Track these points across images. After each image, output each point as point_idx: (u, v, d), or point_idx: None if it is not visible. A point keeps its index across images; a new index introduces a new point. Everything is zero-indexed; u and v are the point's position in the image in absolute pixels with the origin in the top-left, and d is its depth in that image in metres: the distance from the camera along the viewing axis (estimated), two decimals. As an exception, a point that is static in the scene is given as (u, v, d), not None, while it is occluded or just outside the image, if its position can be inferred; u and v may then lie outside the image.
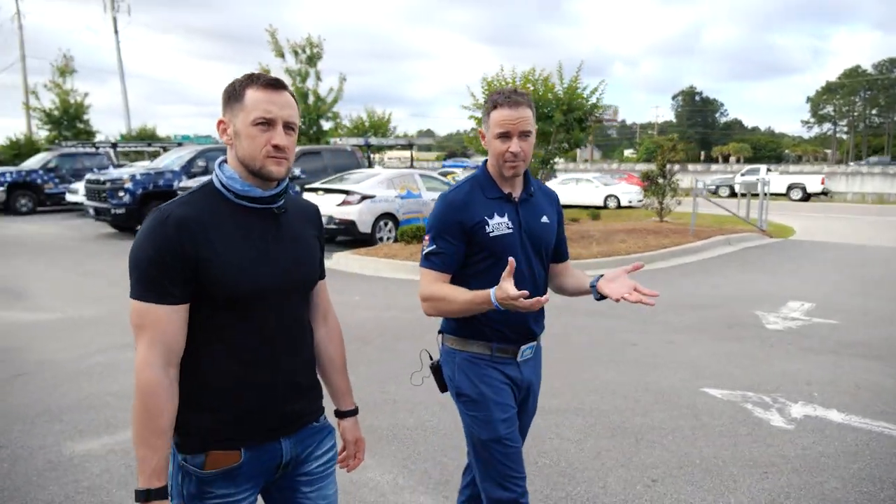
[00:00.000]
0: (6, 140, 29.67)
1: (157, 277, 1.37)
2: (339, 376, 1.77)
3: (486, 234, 1.96)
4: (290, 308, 1.55)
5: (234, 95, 1.47)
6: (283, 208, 1.54)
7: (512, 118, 1.90)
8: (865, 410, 4.07)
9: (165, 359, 1.38)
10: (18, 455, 3.44)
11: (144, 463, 1.36)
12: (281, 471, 1.56)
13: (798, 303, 7.07)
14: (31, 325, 6.18)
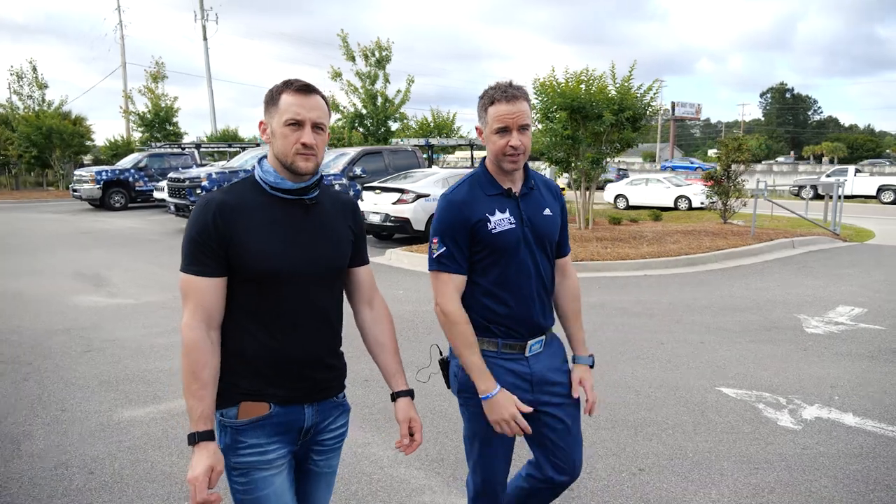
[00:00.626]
0: (106, 141, 32.24)
1: (197, 253, 1.58)
2: (389, 357, 1.85)
3: (489, 231, 1.94)
4: (315, 290, 1.68)
5: (271, 100, 1.64)
6: (314, 200, 1.69)
7: (510, 112, 1.89)
8: (884, 415, 3.97)
9: (206, 322, 1.57)
10: (76, 417, 3.95)
11: (192, 411, 1.54)
12: (302, 437, 1.71)
13: (848, 308, 6.80)
14: (107, 308, 6.87)
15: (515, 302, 1.99)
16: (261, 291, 1.62)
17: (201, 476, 1.49)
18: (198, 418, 1.53)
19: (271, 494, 1.62)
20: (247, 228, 1.59)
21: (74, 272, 9.00)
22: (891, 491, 3.08)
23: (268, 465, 1.62)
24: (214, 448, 1.55)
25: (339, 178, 13.01)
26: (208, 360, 1.56)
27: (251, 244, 1.58)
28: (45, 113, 28.33)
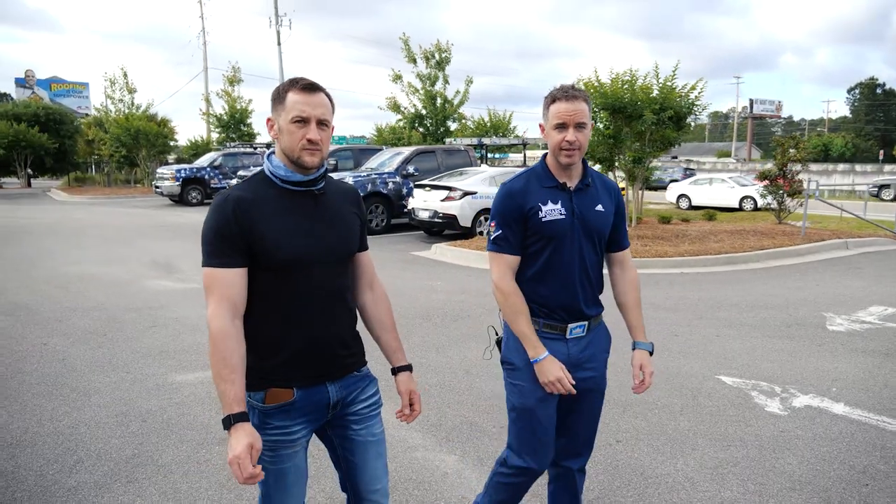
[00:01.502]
0: (187, 141, 34.36)
1: (220, 246, 1.65)
2: (389, 335, 1.98)
3: (539, 219, 2.10)
4: (328, 273, 1.77)
5: (278, 98, 1.72)
6: (322, 190, 1.78)
7: (568, 110, 2.03)
8: (875, 406, 4.09)
9: (231, 312, 1.65)
10: (137, 378, 4.61)
11: (224, 396, 1.62)
12: (332, 411, 1.82)
13: (881, 308, 6.73)
14: (175, 291, 7.66)
15: (559, 287, 2.14)
16: (280, 278, 1.70)
17: (243, 454, 1.56)
18: (231, 401, 1.61)
19: (292, 467, 1.77)
20: (264, 220, 1.67)
21: (150, 260, 9.95)
22: (852, 470, 3.27)
23: (292, 444, 1.76)
24: (250, 428, 1.63)
25: (394, 176, 13.60)
26: (236, 347, 1.63)
27: (269, 234, 1.67)
28: (134, 115, 30.54)
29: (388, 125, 23.03)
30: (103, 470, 3.25)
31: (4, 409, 4.02)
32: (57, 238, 12.80)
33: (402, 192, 13.43)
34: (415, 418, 1.98)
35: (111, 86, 32.13)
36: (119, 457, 3.39)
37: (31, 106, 36.76)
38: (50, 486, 3.08)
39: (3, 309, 6.68)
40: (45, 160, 35.60)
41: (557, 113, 2.05)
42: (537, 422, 2.16)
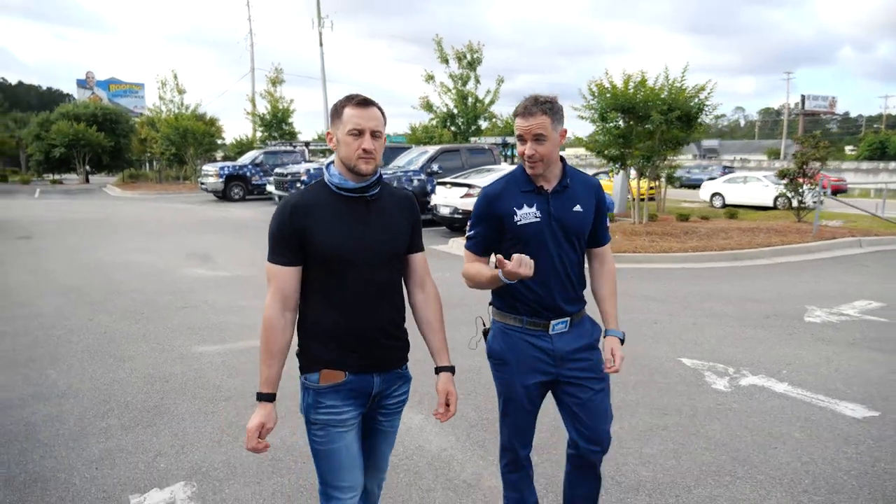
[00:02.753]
0: (233, 140, 35.81)
1: (278, 246, 1.87)
2: (436, 336, 2.09)
3: (514, 222, 2.21)
4: (377, 273, 1.93)
5: (336, 113, 1.90)
6: (375, 196, 1.94)
7: (524, 126, 2.15)
8: (817, 387, 4.45)
9: (283, 304, 1.86)
10: (165, 348, 5.33)
11: (261, 375, 1.86)
12: (371, 402, 1.98)
13: (866, 302, 6.97)
14: (207, 279, 8.44)
15: (538, 286, 2.22)
16: (332, 274, 1.88)
17: (253, 429, 1.84)
18: (264, 381, 1.86)
19: (343, 448, 1.91)
20: (318, 222, 1.85)
21: (188, 251, 10.82)
22: (769, 436, 3.68)
23: (341, 424, 1.90)
24: (270, 409, 1.86)
25: (419, 174, 14.21)
26: (279, 337, 1.85)
27: (320, 235, 1.84)
28: (183, 115, 32.06)
29: (420, 124, 23.70)
30: (129, 416, 3.93)
31: (54, 369, 4.78)
32: (107, 230, 13.89)
33: (426, 190, 14.01)
34: (449, 418, 2.07)
35: (162, 87, 33.76)
36: (142, 407, 4.07)
37: (89, 106, 38.90)
38: (86, 426, 3.78)
39: (57, 290, 7.56)
40: (101, 158, 37.71)
41: (517, 127, 2.19)
42: (522, 409, 2.31)
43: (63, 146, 35.21)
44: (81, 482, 3.14)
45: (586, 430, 2.31)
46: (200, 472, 3.26)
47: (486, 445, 3.60)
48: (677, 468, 3.32)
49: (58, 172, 39.24)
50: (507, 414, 2.36)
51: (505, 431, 2.41)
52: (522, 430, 2.36)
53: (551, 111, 2.16)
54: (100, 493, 3.04)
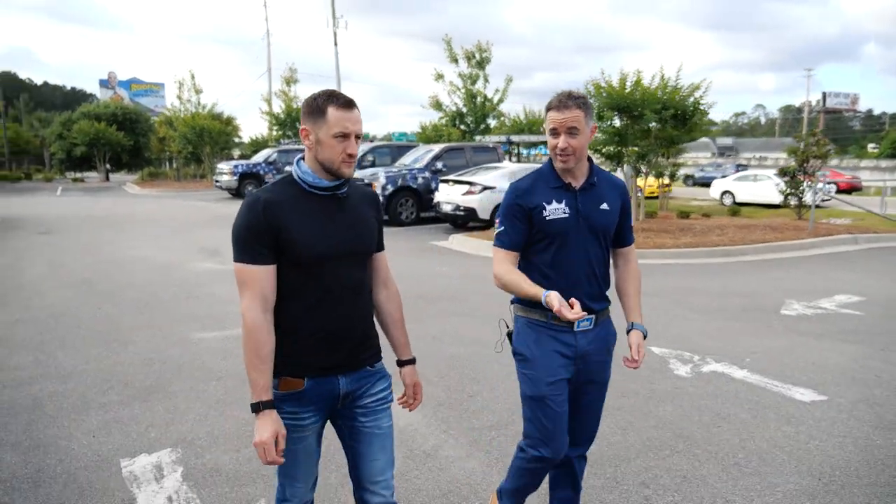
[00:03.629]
0: (249, 139, 36.44)
1: (251, 244, 1.77)
2: (398, 331, 2.12)
3: (543, 217, 2.21)
4: (348, 270, 1.89)
5: (317, 111, 1.80)
6: (345, 194, 1.91)
7: (559, 119, 2.14)
8: (774, 374, 4.68)
9: (263, 306, 1.78)
10: (166, 334, 5.70)
11: (256, 383, 1.77)
12: (342, 401, 1.94)
13: (846, 296, 7.14)
14: (214, 272, 8.83)
15: (565, 282, 2.22)
16: (306, 274, 1.82)
17: (269, 440, 1.74)
18: (260, 389, 1.77)
19: (301, 449, 1.91)
20: (291, 220, 1.79)
21: (199, 247, 11.24)
22: (716, 416, 3.93)
23: (301, 429, 1.89)
24: (276, 415, 1.78)
25: (423, 172, 14.52)
26: (267, 339, 1.78)
27: (295, 233, 1.79)
28: (199, 115, 32.71)
29: (430, 123, 24.02)
30: (127, 393, 4.29)
31: (62, 352, 5.16)
32: (124, 226, 14.40)
33: (430, 187, 14.32)
34: (416, 406, 2.16)
35: (180, 87, 34.45)
36: (140, 386, 4.43)
37: (109, 106, 39.80)
38: (87, 401, 4.14)
39: (70, 283, 8.00)
40: (121, 156, 38.63)
41: (550, 120, 2.18)
42: (550, 410, 2.24)
43: (84, 145, 36.11)
44: (79, 448, 3.49)
45: (577, 434, 2.38)
46: (186, 440, 3.59)
47: (449, 421, 3.89)
48: (622, 443, 3.59)
49: (79, 171, 40.23)
50: (532, 417, 2.29)
51: (529, 433, 2.32)
52: (550, 434, 2.26)
53: (584, 106, 2.18)
54: (94, 456, 3.39)
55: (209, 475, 3.21)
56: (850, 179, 31.42)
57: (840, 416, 3.94)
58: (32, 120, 63.97)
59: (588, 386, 2.33)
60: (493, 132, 22.51)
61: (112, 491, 3.05)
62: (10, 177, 37.76)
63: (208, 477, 3.19)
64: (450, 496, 3.05)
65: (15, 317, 6.29)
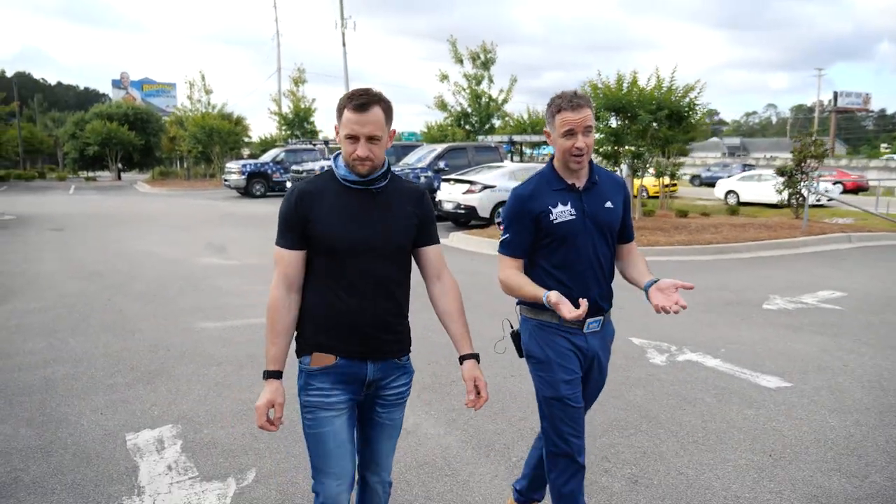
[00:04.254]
0: (258, 138, 36.88)
1: (285, 230, 1.93)
2: (456, 325, 2.08)
3: (550, 221, 2.21)
4: (378, 262, 1.94)
5: (339, 109, 1.91)
6: (380, 189, 1.95)
7: (575, 119, 2.14)
8: (746, 363, 4.91)
9: (287, 285, 1.92)
10: (171, 323, 6.00)
11: (267, 353, 1.92)
12: (366, 389, 1.99)
13: (829, 292, 7.34)
14: (219, 266, 9.14)
15: (575, 283, 2.24)
16: (332, 261, 1.91)
17: (262, 406, 1.88)
18: (270, 359, 1.92)
19: (330, 432, 1.93)
20: (321, 210, 1.90)
21: (206, 243, 11.57)
22: (683, 401, 4.17)
23: (329, 407, 1.93)
24: (277, 385, 1.89)
25: (426, 171, 14.80)
26: (283, 316, 1.91)
27: (320, 224, 1.89)
28: (209, 115, 33.18)
29: (436, 123, 24.31)
30: (132, 376, 4.59)
31: (74, 339, 5.48)
32: (133, 223, 14.78)
33: (433, 186, 14.59)
34: (482, 405, 2.04)
35: (190, 88, 34.94)
36: (145, 370, 4.73)
37: (121, 106, 40.38)
38: (96, 383, 4.45)
39: (82, 275, 8.34)
40: (133, 156, 39.17)
41: (564, 121, 2.15)
42: (570, 409, 2.26)
43: (96, 144, 36.70)
44: (88, 424, 3.79)
45: None
46: (186, 417, 3.88)
47: (431, 403, 4.15)
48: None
49: (92, 170, 40.85)
50: (553, 418, 2.29)
51: (554, 437, 2.30)
52: (572, 432, 2.28)
53: (591, 104, 2.20)
54: (102, 431, 3.69)
55: (206, 448, 3.49)
56: (857, 179, 31.39)
57: (801, 401, 4.18)
58: (46, 120, 64.87)
59: (587, 384, 2.37)
60: (498, 132, 22.76)
61: (117, 460, 3.34)
62: (25, 175, 38.44)
63: (205, 449, 3.48)
64: (426, 467, 3.32)
65: (30, 306, 6.62)
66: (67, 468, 3.24)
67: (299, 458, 3.32)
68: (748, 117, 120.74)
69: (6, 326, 5.87)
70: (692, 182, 39.92)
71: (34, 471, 3.21)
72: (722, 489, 3.09)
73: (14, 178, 36.86)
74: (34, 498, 2.96)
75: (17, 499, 2.95)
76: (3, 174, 37.09)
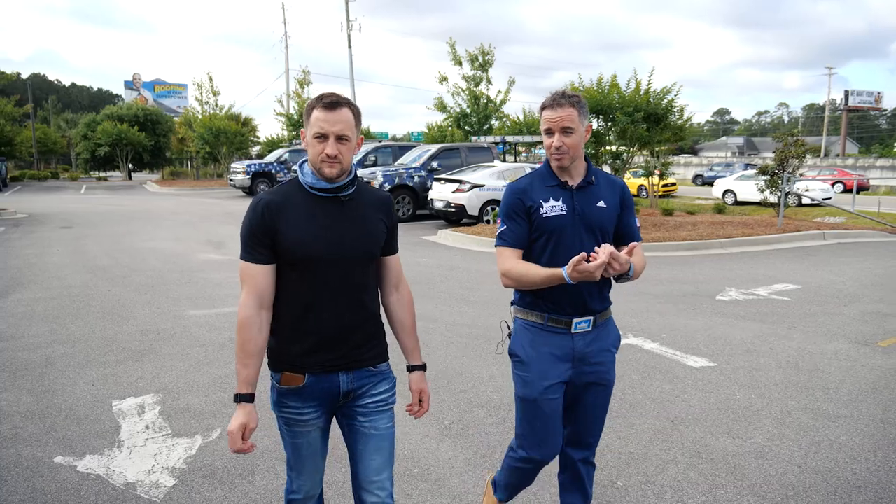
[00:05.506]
0: (265, 139, 37.58)
1: (251, 244, 1.83)
2: (408, 337, 2.11)
3: (541, 214, 2.22)
4: (347, 273, 1.89)
5: (307, 113, 1.86)
6: (349, 196, 1.90)
7: (552, 117, 2.15)
8: (680, 346, 5.36)
9: (258, 303, 1.84)
10: (164, 312, 6.54)
11: (239, 375, 1.83)
12: (343, 399, 1.95)
13: (784, 285, 7.77)
14: (215, 262, 9.70)
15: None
16: (302, 274, 1.85)
17: (235, 431, 1.81)
18: (242, 382, 1.83)
19: (305, 444, 1.96)
20: (288, 221, 1.83)
21: (206, 239, 12.14)
22: (612, 377, 4.64)
23: (303, 424, 1.93)
24: (250, 409, 1.83)
25: (420, 171, 15.30)
26: (255, 336, 1.83)
27: (290, 234, 1.82)
28: (217, 116, 33.90)
29: (436, 123, 24.81)
30: (123, 354, 5.13)
31: (74, 324, 6.04)
32: (140, 221, 15.41)
33: (426, 185, 15.10)
34: (422, 415, 2.12)
35: (198, 89, 35.68)
36: (135, 349, 5.27)
37: (132, 108, 41.22)
38: (91, 360, 4.99)
39: (86, 269, 8.93)
40: (142, 156, 39.99)
41: (545, 120, 2.18)
42: (542, 413, 2.24)
43: (107, 145, 37.56)
44: (81, 392, 4.32)
45: (578, 435, 2.37)
46: (166, 388, 4.41)
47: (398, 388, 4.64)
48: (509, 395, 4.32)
49: (103, 170, 41.73)
50: (524, 419, 2.31)
51: (520, 434, 2.35)
52: (542, 437, 2.29)
53: (578, 104, 2.18)
54: (92, 398, 4.22)
55: (180, 412, 4.02)
56: (858, 178, 31.59)
57: (718, 378, 4.64)
58: (60, 121, 66.11)
59: (590, 387, 2.30)
60: (496, 133, 23.23)
61: (103, 421, 3.87)
62: (39, 175, 39.39)
63: (180, 413, 4.00)
64: (369, 429, 3.81)
65: (37, 296, 7.20)
66: (60, 427, 3.78)
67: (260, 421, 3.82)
68: (759, 116, 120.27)
69: (14, 313, 6.44)
70: (694, 181, 40.20)
71: (31, 428, 3.75)
72: (619, 447, 3.56)
73: (28, 177, 37.80)
74: (30, 449, 3.49)
75: (15, 450, 3.49)
76: (18, 174, 38.05)
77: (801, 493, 3.07)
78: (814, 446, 3.56)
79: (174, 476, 3.21)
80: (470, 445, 3.60)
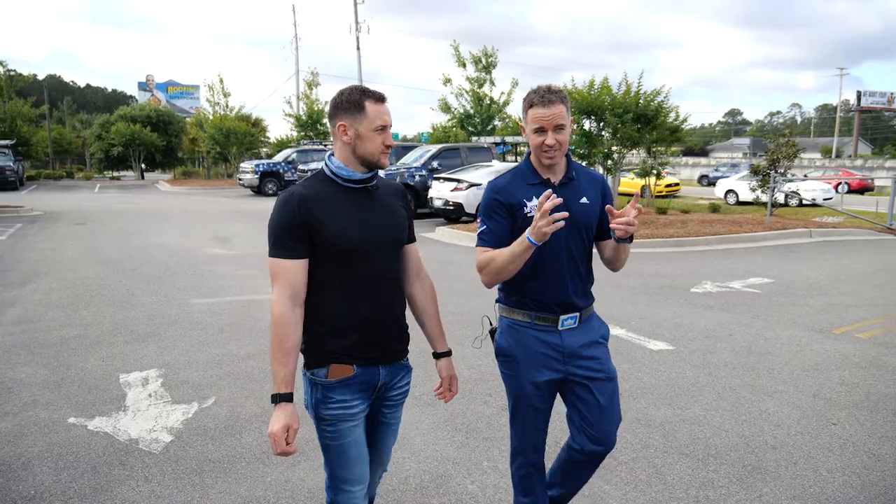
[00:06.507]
0: (275, 139, 38.21)
1: (286, 239, 1.82)
2: (433, 323, 2.13)
3: (524, 214, 2.18)
4: (385, 259, 1.96)
5: (354, 105, 1.87)
6: (376, 186, 1.97)
7: (545, 115, 2.10)
8: (646, 332, 5.76)
9: (292, 299, 1.83)
10: (170, 300, 7.03)
11: (276, 375, 1.81)
12: (376, 393, 1.99)
13: (758, 279, 8.13)
14: (220, 255, 10.19)
15: (548, 280, 2.21)
16: (342, 265, 1.87)
17: (279, 432, 1.77)
18: (280, 381, 1.80)
19: (352, 442, 1.92)
20: (326, 214, 1.83)
21: (213, 235, 12.65)
22: (575, 357, 5.05)
23: (352, 418, 1.91)
24: (292, 409, 1.80)
25: (420, 171, 15.74)
26: (292, 333, 1.81)
27: (330, 226, 1.83)
28: (227, 117, 34.54)
29: (440, 124, 25.27)
30: (131, 336, 5.61)
31: (86, 310, 6.53)
32: (151, 218, 15.96)
33: (427, 184, 15.53)
34: (452, 398, 2.20)
35: (209, 90, 36.36)
36: (142, 333, 5.75)
37: (144, 108, 42.02)
38: (101, 341, 5.47)
39: (98, 261, 9.45)
40: (155, 156, 40.76)
41: (535, 118, 2.12)
42: (532, 408, 2.28)
43: (121, 145, 38.35)
44: (92, 367, 4.80)
45: (595, 431, 2.29)
46: (169, 364, 4.87)
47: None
48: (483, 374, 4.74)
49: (116, 170, 42.56)
50: (516, 415, 2.34)
51: (515, 435, 2.39)
52: (533, 433, 2.33)
53: (565, 100, 2.16)
54: (102, 372, 4.69)
55: (181, 384, 4.48)
56: (862, 179, 31.68)
57: (673, 359, 5.03)
58: (75, 122, 67.30)
59: (591, 382, 2.28)
60: (499, 133, 23.64)
61: (111, 390, 4.34)
62: (54, 175, 40.23)
63: (180, 385, 4.46)
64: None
65: (52, 285, 7.71)
66: (73, 394, 4.25)
67: (251, 391, 4.29)
68: (772, 117, 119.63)
69: (32, 300, 6.94)
70: (700, 182, 40.37)
71: (48, 395, 4.23)
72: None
73: (44, 177, 38.64)
74: (47, 412, 3.96)
75: (34, 412, 3.96)
76: (34, 174, 38.92)
77: (723, 452, 3.47)
78: (745, 415, 3.96)
79: (172, 434, 3.67)
80: (434, 413, 4.04)
